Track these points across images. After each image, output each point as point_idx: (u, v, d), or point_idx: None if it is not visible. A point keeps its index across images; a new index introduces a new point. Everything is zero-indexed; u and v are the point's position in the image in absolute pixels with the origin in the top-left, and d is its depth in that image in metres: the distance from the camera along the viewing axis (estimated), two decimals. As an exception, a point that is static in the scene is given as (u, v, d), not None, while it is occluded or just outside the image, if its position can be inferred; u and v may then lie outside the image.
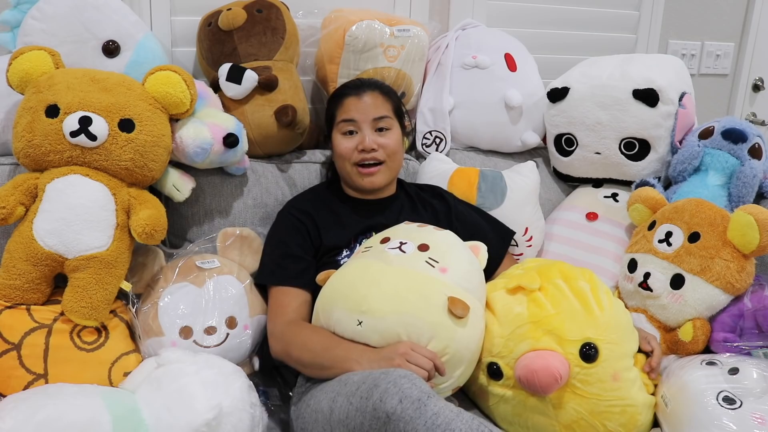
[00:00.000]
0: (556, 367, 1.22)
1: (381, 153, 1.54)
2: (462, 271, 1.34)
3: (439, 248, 1.35)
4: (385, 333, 1.24)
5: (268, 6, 1.68)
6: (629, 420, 1.27)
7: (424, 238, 1.36)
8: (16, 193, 1.33)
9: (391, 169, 1.58)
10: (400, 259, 1.31)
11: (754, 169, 1.65)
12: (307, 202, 1.59)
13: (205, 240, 1.55)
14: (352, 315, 1.27)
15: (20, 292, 1.31)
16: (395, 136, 1.57)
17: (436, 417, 1.03)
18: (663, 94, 1.73)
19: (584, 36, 2.29)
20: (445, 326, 1.24)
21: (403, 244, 1.34)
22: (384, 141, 1.54)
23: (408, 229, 1.42)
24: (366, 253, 1.38)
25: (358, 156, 1.54)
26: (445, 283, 1.29)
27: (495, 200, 1.75)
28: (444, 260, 1.32)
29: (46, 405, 1.14)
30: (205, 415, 1.19)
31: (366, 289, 1.27)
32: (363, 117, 1.54)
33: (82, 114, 1.34)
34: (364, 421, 1.08)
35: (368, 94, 1.57)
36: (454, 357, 1.26)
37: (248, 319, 1.45)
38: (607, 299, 1.32)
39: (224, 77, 1.60)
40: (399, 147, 1.59)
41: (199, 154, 1.48)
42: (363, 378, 1.14)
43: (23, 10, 1.53)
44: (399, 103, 1.64)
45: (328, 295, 1.34)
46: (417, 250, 1.33)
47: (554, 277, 1.35)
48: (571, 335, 1.27)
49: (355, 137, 1.55)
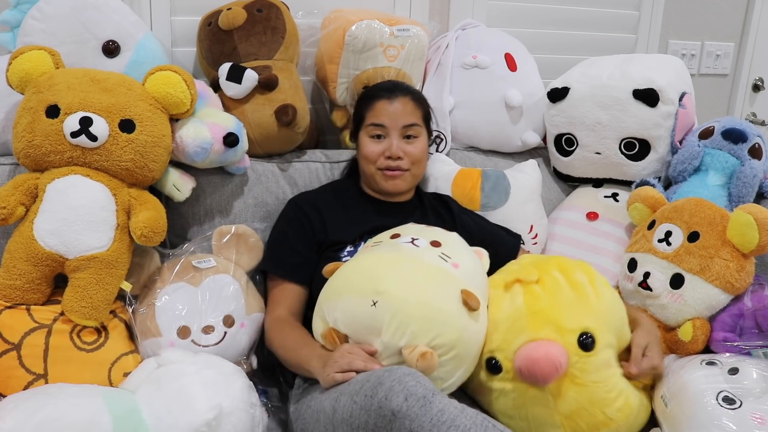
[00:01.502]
0: (555, 355, 1.22)
1: (406, 161, 1.55)
2: (472, 269, 1.35)
3: (450, 246, 1.36)
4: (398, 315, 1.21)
5: (268, 6, 1.68)
6: (624, 403, 1.27)
7: (435, 236, 1.38)
8: (17, 194, 1.33)
9: (414, 176, 1.59)
10: (413, 252, 1.32)
11: (754, 169, 1.65)
12: (319, 196, 1.59)
13: (200, 239, 1.55)
14: (367, 297, 1.23)
15: (20, 292, 1.31)
16: (422, 144, 1.58)
17: (441, 414, 1.03)
18: (663, 94, 1.73)
19: (584, 36, 2.29)
20: (457, 317, 1.24)
21: (415, 240, 1.35)
22: (410, 149, 1.55)
23: (417, 227, 1.44)
24: (376, 247, 1.38)
25: (384, 162, 1.55)
26: (458, 278, 1.29)
27: (499, 199, 1.75)
28: (455, 257, 1.34)
29: (47, 405, 1.14)
30: (206, 415, 1.19)
31: (383, 271, 1.27)
32: (392, 123, 1.55)
33: (82, 114, 1.34)
34: (368, 420, 1.09)
35: (400, 99, 1.57)
36: (462, 352, 1.25)
37: (245, 317, 1.45)
38: (605, 289, 1.32)
39: (224, 77, 1.60)
40: (424, 155, 1.60)
41: (199, 153, 1.48)
42: (366, 377, 1.14)
43: (23, 10, 1.53)
44: (428, 110, 1.64)
45: (336, 285, 1.32)
46: (430, 246, 1.34)
47: (551, 270, 1.35)
48: (569, 325, 1.26)
49: (382, 142, 1.55)
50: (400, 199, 1.63)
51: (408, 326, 1.21)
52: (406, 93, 1.59)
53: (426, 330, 1.21)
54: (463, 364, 1.28)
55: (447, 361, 1.24)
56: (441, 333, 1.22)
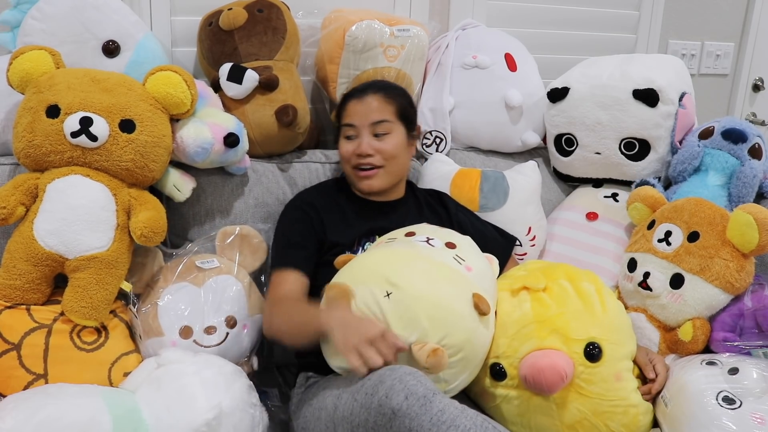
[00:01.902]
0: (561, 365, 1.22)
1: (378, 158, 1.53)
2: (484, 274, 1.35)
3: (464, 249, 1.36)
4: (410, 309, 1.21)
5: (269, 6, 1.68)
6: (631, 420, 1.27)
7: (450, 238, 1.38)
8: (17, 193, 1.33)
9: (390, 173, 1.57)
10: (429, 250, 1.32)
11: (754, 169, 1.65)
12: (316, 196, 1.59)
13: (204, 239, 1.55)
14: (381, 287, 1.23)
15: (20, 292, 1.31)
16: (394, 140, 1.55)
17: (441, 413, 1.04)
18: (663, 94, 1.73)
19: (584, 36, 2.29)
20: (468, 320, 1.24)
21: (430, 239, 1.35)
22: (381, 145, 1.53)
23: (431, 228, 1.43)
24: (390, 244, 1.37)
25: (356, 160, 1.54)
26: (471, 281, 1.29)
27: (498, 201, 1.75)
28: (469, 260, 1.33)
29: (47, 405, 1.15)
30: (205, 416, 1.19)
31: (399, 265, 1.27)
32: (361, 121, 1.54)
33: (82, 114, 1.34)
34: (368, 418, 1.09)
35: (369, 97, 1.56)
36: (469, 354, 1.25)
37: (247, 318, 1.45)
38: (611, 301, 1.33)
39: (225, 77, 1.60)
40: (399, 150, 1.56)
41: (199, 153, 1.48)
42: (368, 375, 1.14)
43: (23, 10, 1.53)
44: (406, 105, 1.61)
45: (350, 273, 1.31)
46: (445, 247, 1.34)
47: (559, 278, 1.35)
48: (576, 334, 1.27)
49: (354, 141, 1.55)
50: (388, 198, 1.62)
51: (420, 322, 1.20)
52: (377, 90, 1.57)
53: (437, 328, 1.21)
54: (468, 368, 1.28)
55: (454, 363, 1.23)
56: (451, 333, 1.22)
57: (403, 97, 1.61)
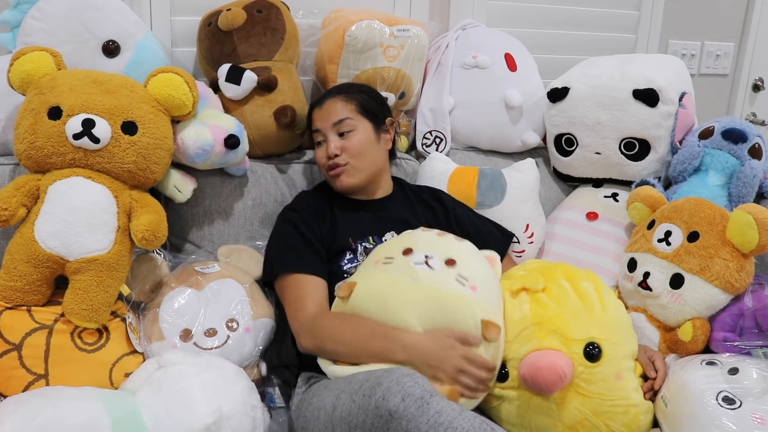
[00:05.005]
0: (560, 365, 1.22)
1: (344, 156, 1.53)
2: (488, 287, 1.33)
3: (465, 263, 1.33)
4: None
5: (268, 6, 1.68)
6: (632, 420, 1.27)
7: (449, 252, 1.34)
8: (18, 195, 1.32)
9: (360, 169, 1.55)
10: (429, 277, 1.29)
11: (754, 169, 1.65)
12: (312, 200, 1.59)
13: (204, 253, 1.58)
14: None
15: (21, 294, 1.31)
16: (359, 136, 1.55)
17: (438, 415, 1.04)
18: (663, 94, 1.73)
19: (584, 36, 2.29)
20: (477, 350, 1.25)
21: (428, 258, 1.31)
22: (346, 143, 1.54)
23: (429, 239, 1.38)
24: (389, 266, 1.33)
25: (326, 162, 1.55)
26: (477, 303, 1.28)
27: (495, 198, 1.75)
28: (473, 277, 1.31)
29: (46, 408, 1.14)
30: (205, 419, 1.18)
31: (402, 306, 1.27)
32: (324, 125, 1.55)
33: (85, 116, 1.33)
34: (366, 419, 1.09)
35: (328, 101, 1.57)
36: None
37: (250, 321, 1.44)
38: (611, 300, 1.33)
39: (223, 78, 1.60)
40: (366, 146, 1.55)
41: (200, 155, 1.48)
42: (366, 376, 1.15)
43: (23, 10, 1.53)
44: (369, 100, 1.60)
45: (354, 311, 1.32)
46: (445, 266, 1.31)
47: (558, 278, 1.35)
48: (575, 335, 1.27)
49: (323, 146, 1.56)
50: (375, 196, 1.61)
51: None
52: (336, 94, 1.59)
53: None
54: None
55: None
56: None
57: (364, 93, 1.61)
